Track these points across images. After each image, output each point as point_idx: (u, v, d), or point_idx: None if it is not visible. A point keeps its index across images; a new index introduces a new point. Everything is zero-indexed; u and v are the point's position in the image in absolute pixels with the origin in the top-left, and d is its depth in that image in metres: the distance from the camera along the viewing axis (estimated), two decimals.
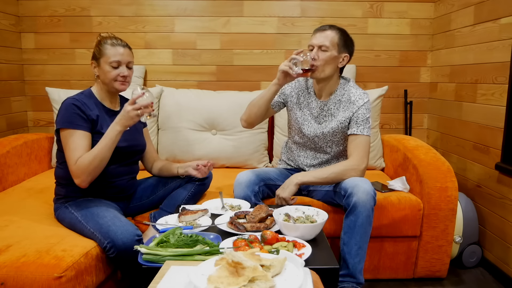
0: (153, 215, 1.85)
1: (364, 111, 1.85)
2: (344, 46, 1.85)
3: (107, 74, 1.66)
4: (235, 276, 0.95)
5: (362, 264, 1.69)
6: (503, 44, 2.07)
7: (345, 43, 1.85)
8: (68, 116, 1.59)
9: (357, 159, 1.81)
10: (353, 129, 1.85)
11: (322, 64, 1.81)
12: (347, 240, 1.68)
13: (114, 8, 2.77)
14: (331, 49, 1.81)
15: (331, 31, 1.83)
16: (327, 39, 1.81)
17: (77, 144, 1.57)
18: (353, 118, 1.86)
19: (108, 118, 1.70)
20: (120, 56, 1.65)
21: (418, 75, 2.90)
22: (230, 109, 2.52)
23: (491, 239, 2.20)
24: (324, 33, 1.82)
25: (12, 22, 2.71)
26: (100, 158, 1.55)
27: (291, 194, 1.80)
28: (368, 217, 1.66)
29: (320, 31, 1.84)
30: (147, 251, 1.26)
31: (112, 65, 1.65)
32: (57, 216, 1.70)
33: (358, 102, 1.86)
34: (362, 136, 1.84)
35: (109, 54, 1.65)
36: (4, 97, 2.64)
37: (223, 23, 2.81)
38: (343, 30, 1.87)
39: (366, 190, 1.66)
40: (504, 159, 2.05)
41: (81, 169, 1.54)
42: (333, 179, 1.81)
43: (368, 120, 1.86)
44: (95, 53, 1.69)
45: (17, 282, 1.28)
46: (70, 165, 1.57)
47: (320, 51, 1.81)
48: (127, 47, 1.70)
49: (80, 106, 1.61)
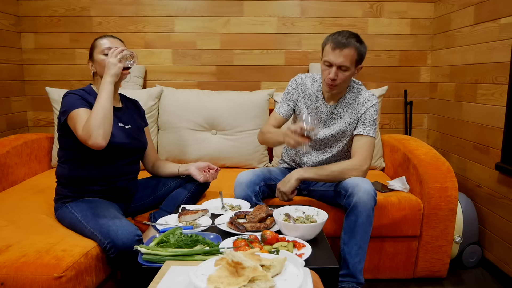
0: (153, 215, 1.85)
1: (372, 112, 1.86)
2: (360, 59, 1.79)
3: (101, 64, 1.69)
4: (235, 276, 0.95)
5: (362, 264, 1.69)
6: (503, 44, 2.07)
7: (361, 57, 1.79)
8: (71, 102, 1.62)
9: (360, 159, 1.81)
10: (359, 130, 1.85)
11: (341, 83, 1.79)
12: (347, 240, 1.68)
13: (114, 8, 2.77)
14: (351, 67, 1.76)
15: (350, 49, 1.72)
16: (347, 59, 1.73)
17: (83, 116, 1.57)
18: (361, 119, 1.86)
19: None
20: (110, 43, 1.71)
21: (418, 75, 2.90)
22: (230, 109, 2.52)
23: (491, 239, 2.20)
24: (343, 52, 1.72)
25: (12, 22, 2.71)
26: (102, 109, 1.55)
27: (292, 189, 1.81)
28: (368, 217, 1.66)
29: (339, 48, 1.72)
30: (147, 251, 1.26)
31: (104, 52, 1.69)
32: (57, 215, 1.70)
33: (367, 104, 1.86)
34: (368, 137, 1.84)
35: (100, 44, 1.71)
36: (4, 97, 2.64)
37: (223, 23, 2.81)
38: (359, 41, 1.77)
39: (367, 190, 1.66)
40: (504, 159, 2.05)
41: (89, 127, 1.52)
42: (335, 177, 1.81)
43: (375, 122, 1.86)
44: (90, 52, 1.76)
45: (17, 282, 1.28)
46: (79, 134, 1.54)
47: (340, 71, 1.75)
48: (118, 38, 1.76)
49: (81, 95, 1.65)
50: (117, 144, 1.65)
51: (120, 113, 1.79)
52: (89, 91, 1.73)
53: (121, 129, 1.74)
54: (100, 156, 1.65)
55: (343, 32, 1.77)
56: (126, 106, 1.87)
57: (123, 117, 1.79)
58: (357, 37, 1.77)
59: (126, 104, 1.88)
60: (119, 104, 1.82)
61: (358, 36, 1.79)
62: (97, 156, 1.65)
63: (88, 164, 1.67)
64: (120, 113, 1.79)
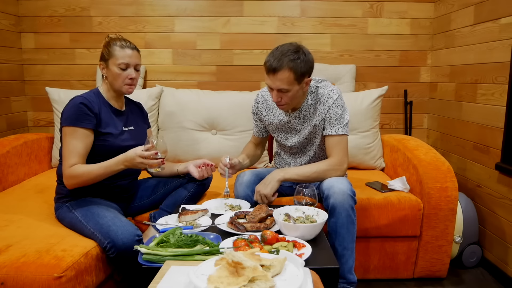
0: (153, 215, 1.85)
1: (336, 109, 1.79)
2: (302, 75, 1.67)
3: (115, 76, 1.68)
4: (235, 276, 0.95)
5: (351, 263, 1.68)
6: (503, 44, 2.07)
7: (302, 72, 1.66)
8: (73, 113, 1.60)
9: (337, 158, 1.79)
10: (327, 130, 1.81)
11: (288, 102, 1.73)
12: (331, 242, 1.68)
13: (114, 8, 2.77)
14: (292, 88, 1.67)
15: (284, 72, 1.62)
16: (283, 82, 1.64)
17: (74, 146, 1.59)
18: (326, 119, 1.81)
19: (115, 117, 1.74)
20: (129, 58, 1.68)
21: (418, 75, 2.90)
22: (230, 109, 2.52)
23: (491, 239, 2.20)
24: (277, 76, 1.64)
25: (12, 22, 2.71)
26: (93, 178, 1.59)
27: (273, 191, 1.75)
28: (348, 217, 1.64)
29: (271, 73, 1.64)
30: (147, 251, 1.26)
31: (121, 66, 1.67)
32: (57, 215, 1.70)
33: (328, 102, 1.80)
34: (338, 136, 1.80)
35: (118, 56, 1.67)
36: (4, 97, 2.64)
37: (223, 23, 2.81)
38: (296, 57, 1.64)
39: (342, 190, 1.64)
40: (504, 159, 2.05)
41: (71, 176, 1.58)
42: (315, 178, 1.79)
43: (341, 118, 1.79)
44: (103, 54, 1.71)
45: (17, 282, 1.28)
46: (64, 165, 1.60)
47: (282, 93, 1.68)
48: (136, 49, 1.73)
49: (87, 104, 1.63)
50: (121, 147, 1.65)
51: (124, 116, 1.80)
52: (97, 94, 1.73)
53: (125, 132, 1.75)
54: (102, 158, 1.65)
55: (278, 49, 1.66)
56: (130, 109, 1.87)
57: (126, 120, 1.80)
58: (294, 53, 1.64)
59: (130, 107, 1.88)
60: (123, 107, 1.83)
61: (297, 49, 1.66)
62: (99, 157, 1.65)
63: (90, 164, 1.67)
64: (124, 116, 1.80)
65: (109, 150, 1.65)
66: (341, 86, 2.72)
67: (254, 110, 2.01)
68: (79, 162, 1.59)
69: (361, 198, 1.94)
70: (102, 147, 1.66)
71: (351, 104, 2.38)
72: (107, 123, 1.69)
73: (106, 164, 1.58)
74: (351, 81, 2.75)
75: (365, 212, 1.94)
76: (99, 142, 1.65)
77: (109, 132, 1.67)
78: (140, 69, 1.77)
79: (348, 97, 2.34)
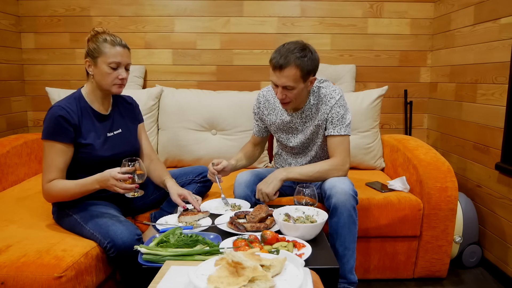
0: (154, 215, 1.85)
1: (338, 109, 1.79)
2: (308, 73, 1.67)
3: (104, 76, 1.57)
4: (235, 276, 0.95)
5: (352, 263, 1.69)
6: (503, 44, 2.07)
7: (308, 70, 1.66)
8: (51, 126, 1.53)
9: (340, 159, 1.79)
10: (329, 130, 1.81)
11: (293, 100, 1.73)
12: (332, 242, 1.68)
13: (114, 8, 2.77)
14: (297, 85, 1.67)
15: (290, 69, 1.63)
16: (289, 79, 1.64)
17: (52, 160, 1.54)
18: (328, 119, 1.81)
19: (98, 123, 1.65)
20: (120, 57, 1.58)
21: (418, 75, 2.90)
22: (230, 109, 2.52)
23: (491, 239, 2.20)
24: (284, 73, 1.64)
25: (12, 22, 2.71)
26: (69, 196, 1.57)
27: (275, 190, 1.73)
28: (350, 217, 1.64)
29: (278, 70, 1.65)
30: (147, 251, 1.26)
31: (111, 66, 1.56)
32: (55, 219, 1.68)
33: (330, 102, 1.79)
34: (340, 136, 1.80)
35: (109, 54, 1.56)
36: (4, 97, 2.64)
37: (223, 23, 2.81)
38: (303, 54, 1.65)
39: (344, 190, 1.64)
40: (504, 159, 2.05)
41: (49, 192, 1.56)
42: (318, 178, 1.79)
43: (343, 118, 1.79)
44: (91, 50, 1.59)
45: (17, 282, 1.28)
46: (43, 179, 1.56)
47: (287, 90, 1.68)
48: (127, 47, 1.62)
49: (65, 116, 1.53)
50: (103, 158, 1.61)
51: (109, 121, 1.69)
52: (78, 98, 1.62)
53: (109, 138, 1.67)
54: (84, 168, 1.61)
55: (284, 47, 1.67)
56: (117, 109, 1.76)
57: (112, 124, 1.70)
58: (300, 50, 1.65)
59: (117, 107, 1.76)
60: (108, 109, 1.71)
61: (304, 47, 1.67)
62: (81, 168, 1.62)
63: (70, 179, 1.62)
64: (109, 120, 1.69)
65: (90, 161, 1.60)
66: (341, 86, 2.72)
67: (255, 110, 2.01)
68: (58, 177, 1.54)
69: (361, 198, 1.94)
70: (83, 159, 1.60)
71: (351, 104, 2.38)
72: (89, 132, 1.60)
73: (82, 182, 1.52)
74: (351, 81, 2.76)
75: (365, 212, 1.94)
76: (80, 154, 1.59)
77: (89, 143, 1.59)
78: (131, 67, 1.68)
79: (348, 97, 2.34)
